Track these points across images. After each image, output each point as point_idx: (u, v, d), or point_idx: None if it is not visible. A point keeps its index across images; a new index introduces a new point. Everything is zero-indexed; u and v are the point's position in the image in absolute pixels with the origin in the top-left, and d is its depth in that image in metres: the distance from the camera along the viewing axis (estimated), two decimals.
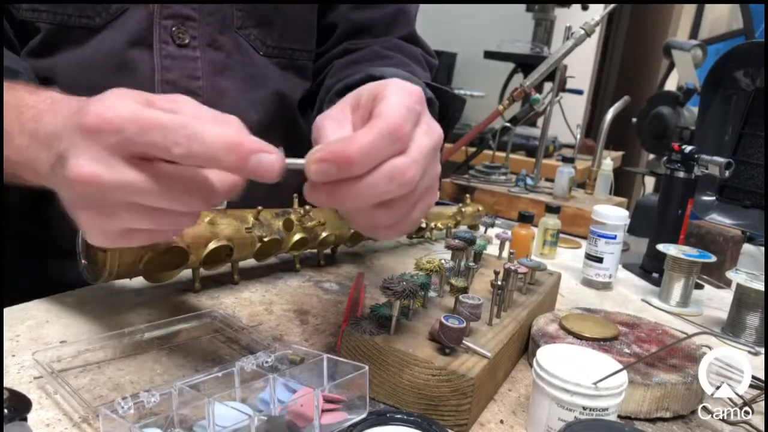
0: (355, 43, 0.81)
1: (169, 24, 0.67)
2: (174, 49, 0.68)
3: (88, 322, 0.58)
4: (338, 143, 0.37)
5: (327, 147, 0.37)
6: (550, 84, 1.33)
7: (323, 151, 0.37)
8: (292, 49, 0.78)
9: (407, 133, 0.39)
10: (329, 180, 0.37)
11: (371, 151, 0.37)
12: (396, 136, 0.38)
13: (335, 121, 0.43)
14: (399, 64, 0.76)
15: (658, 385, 0.51)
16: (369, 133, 0.37)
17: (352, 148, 0.36)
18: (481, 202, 1.18)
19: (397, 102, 0.40)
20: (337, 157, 0.36)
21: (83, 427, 0.42)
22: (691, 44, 1.52)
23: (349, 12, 0.81)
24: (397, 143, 0.38)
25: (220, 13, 0.70)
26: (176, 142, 0.36)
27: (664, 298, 0.84)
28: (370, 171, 0.38)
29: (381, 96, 0.41)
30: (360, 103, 0.43)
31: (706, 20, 2.53)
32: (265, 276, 0.75)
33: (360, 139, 0.37)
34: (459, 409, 0.46)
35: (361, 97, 0.43)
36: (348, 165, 0.36)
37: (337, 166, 0.36)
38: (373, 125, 0.38)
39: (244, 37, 0.73)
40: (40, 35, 0.65)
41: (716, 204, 1.08)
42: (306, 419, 0.40)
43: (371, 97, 0.42)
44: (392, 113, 0.39)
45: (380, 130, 0.37)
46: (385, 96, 0.41)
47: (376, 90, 0.42)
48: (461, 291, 0.55)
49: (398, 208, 0.41)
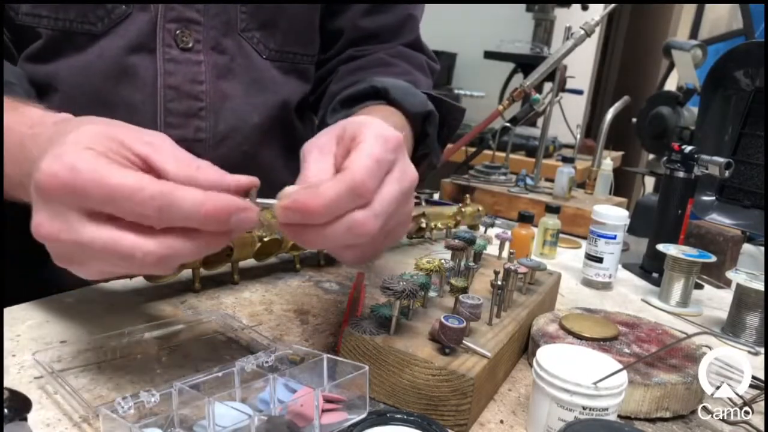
0: (361, 49, 0.82)
1: (173, 27, 0.67)
2: (177, 53, 0.68)
3: (88, 322, 0.58)
4: (305, 194, 0.40)
5: (293, 196, 0.40)
6: (550, 84, 1.32)
7: (289, 200, 0.40)
8: (294, 53, 0.78)
9: (370, 189, 0.41)
10: (294, 223, 0.41)
11: (333, 205, 0.40)
12: (358, 192, 0.41)
13: (320, 152, 0.45)
14: (402, 73, 0.77)
15: (658, 385, 0.51)
16: (333, 188, 0.40)
17: (316, 201, 0.39)
18: (481, 202, 1.18)
19: (368, 154, 0.42)
20: (300, 207, 0.39)
21: (83, 427, 0.42)
22: (691, 44, 1.52)
23: (357, 19, 0.81)
24: (360, 199, 0.41)
25: (224, 15, 0.70)
26: (144, 215, 0.36)
27: (664, 298, 0.84)
28: (331, 221, 0.40)
29: (357, 141, 0.44)
30: (343, 138, 0.45)
31: (706, 20, 2.53)
32: (265, 276, 0.75)
33: (324, 193, 0.39)
34: (459, 409, 0.46)
35: (345, 133, 0.45)
36: (310, 215, 0.40)
37: (301, 215, 0.40)
38: (339, 179, 0.40)
39: (247, 40, 0.73)
40: (41, 41, 0.64)
41: (716, 204, 1.08)
42: (306, 419, 0.40)
43: (351, 137, 0.45)
44: (359, 168, 0.41)
45: (344, 186, 0.40)
46: (360, 143, 0.43)
47: (356, 131, 0.45)
48: (461, 291, 0.55)
49: (362, 249, 0.44)
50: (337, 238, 0.41)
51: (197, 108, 0.69)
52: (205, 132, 0.70)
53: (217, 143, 0.72)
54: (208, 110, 0.70)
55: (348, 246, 0.43)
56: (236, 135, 0.73)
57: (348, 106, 0.69)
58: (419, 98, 0.68)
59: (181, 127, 0.68)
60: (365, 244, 0.43)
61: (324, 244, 0.43)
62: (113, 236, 0.37)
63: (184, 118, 0.69)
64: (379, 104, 0.67)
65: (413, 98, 0.67)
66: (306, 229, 0.41)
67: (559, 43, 1.21)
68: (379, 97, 0.67)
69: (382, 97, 0.67)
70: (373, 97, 0.68)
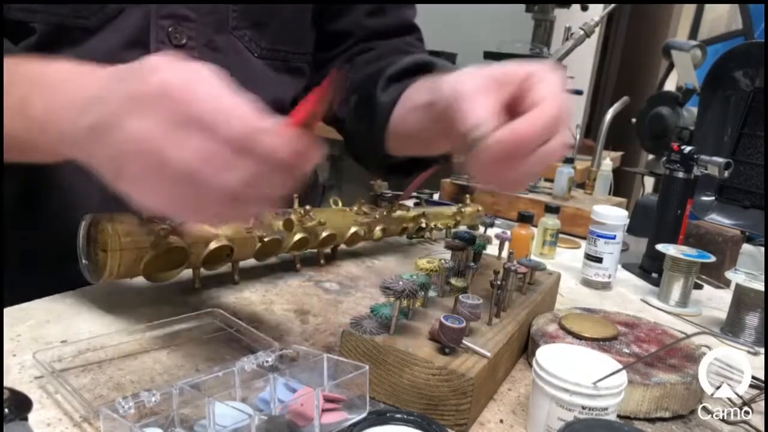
0: (374, 44, 0.82)
1: (166, 24, 0.67)
2: (170, 50, 0.68)
3: (89, 322, 0.58)
4: (518, 124, 0.44)
5: (508, 127, 0.44)
6: None
7: (506, 132, 0.43)
8: (286, 51, 0.78)
9: (564, 120, 0.46)
10: (503, 157, 0.44)
11: (544, 132, 0.44)
12: (557, 122, 0.45)
13: (481, 94, 0.46)
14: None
15: (658, 384, 0.51)
16: (542, 117, 0.44)
17: (532, 129, 0.44)
18: (481, 202, 1.18)
19: (555, 91, 0.46)
20: (517, 136, 0.43)
21: (84, 426, 0.42)
22: (690, 44, 1.52)
23: (362, 19, 0.82)
24: (556, 128, 0.46)
25: (216, 12, 0.70)
26: (238, 145, 0.38)
27: (663, 298, 0.84)
28: (534, 149, 0.45)
29: (537, 79, 0.47)
30: (505, 84, 0.47)
31: (705, 20, 2.53)
32: (266, 276, 0.75)
33: (537, 121, 0.44)
34: (459, 409, 0.46)
35: (507, 78, 0.48)
36: (525, 143, 0.44)
37: (515, 145, 0.44)
38: (542, 112, 0.44)
39: (238, 38, 0.73)
40: (36, 36, 0.64)
41: (715, 204, 1.08)
42: (306, 419, 0.40)
43: (521, 76, 0.47)
44: (554, 104, 0.45)
45: (549, 116, 0.44)
46: (544, 79, 0.47)
47: (523, 71, 0.47)
48: (461, 291, 0.55)
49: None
50: (535, 166, 0.46)
51: None
52: None
53: None
54: None
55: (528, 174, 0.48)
56: None
57: (399, 80, 0.70)
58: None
59: None
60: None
61: (522, 174, 0.47)
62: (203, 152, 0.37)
63: None
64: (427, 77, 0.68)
65: (453, 70, 0.68)
66: (511, 162, 0.44)
67: (559, 44, 1.21)
68: (426, 70, 0.68)
69: (428, 71, 0.68)
70: (421, 71, 0.68)
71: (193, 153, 0.37)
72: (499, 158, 0.44)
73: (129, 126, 0.38)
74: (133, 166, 0.38)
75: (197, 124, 0.37)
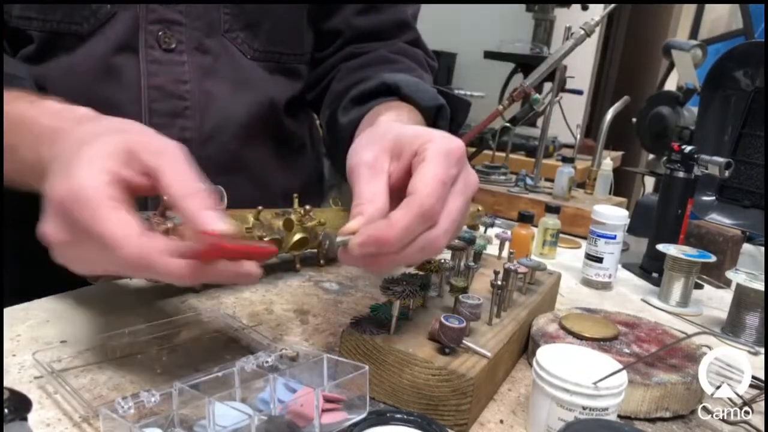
0: (361, 47, 0.81)
1: (155, 29, 0.67)
2: (160, 54, 0.68)
3: (89, 322, 0.58)
4: (377, 227, 0.41)
5: (367, 231, 0.42)
6: (550, 84, 1.33)
7: (364, 236, 0.41)
8: (280, 53, 0.78)
9: (439, 212, 0.43)
10: (368, 258, 0.43)
11: (407, 233, 0.42)
12: (428, 217, 0.42)
13: (371, 171, 0.46)
14: (406, 69, 0.77)
15: (658, 384, 0.51)
16: (405, 217, 0.41)
17: (391, 233, 0.41)
18: (481, 202, 1.18)
19: (433, 176, 0.43)
20: (376, 241, 0.41)
21: (83, 426, 0.42)
22: (690, 44, 1.52)
23: (352, 18, 0.81)
24: (429, 222, 0.43)
25: (207, 16, 0.70)
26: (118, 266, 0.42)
27: (663, 298, 0.84)
28: (405, 246, 0.42)
29: (421, 158, 0.44)
30: (402, 154, 0.46)
31: (705, 20, 2.53)
32: (265, 276, 0.75)
33: (397, 223, 0.41)
34: (459, 409, 0.46)
35: (402, 148, 0.46)
36: (387, 246, 0.41)
37: (377, 247, 0.41)
38: (409, 208, 0.42)
39: (231, 41, 0.73)
40: (34, 44, 0.65)
41: (716, 204, 1.08)
42: (306, 419, 0.40)
43: (411, 154, 0.45)
44: (427, 194, 0.42)
45: (415, 214, 0.41)
46: (423, 162, 0.44)
47: (418, 148, 0.45)
48: (461, 291, 0.55)
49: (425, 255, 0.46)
50: (411, 259, 0.44)
51: (182, 107, 0.70)
52: (191, 131, 0.71)
53: (204, 142, 0.72)
54: (193, 109, 0.70)
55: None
56: (222, 134, 0.73)
57: (360, 103, 0.69)
58: (430, 93, 0.68)
59: (166, 127, 0.68)
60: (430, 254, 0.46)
61: (398, 266, 0.46)
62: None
63: (170, 117, 0.69)
64: (391, 100, 0.67)
65: (425, 93, 0.68)
66: (380, 258, 0.43)
67: (559, 43, 1.21)
68: (391, 93, 0.67)
69: (393, 93, 0.67)
70: (385, 94, 0.68)
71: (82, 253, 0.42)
72: (365, 259, 0.43)
73: (45, 215, 0.42)
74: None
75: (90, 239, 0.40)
